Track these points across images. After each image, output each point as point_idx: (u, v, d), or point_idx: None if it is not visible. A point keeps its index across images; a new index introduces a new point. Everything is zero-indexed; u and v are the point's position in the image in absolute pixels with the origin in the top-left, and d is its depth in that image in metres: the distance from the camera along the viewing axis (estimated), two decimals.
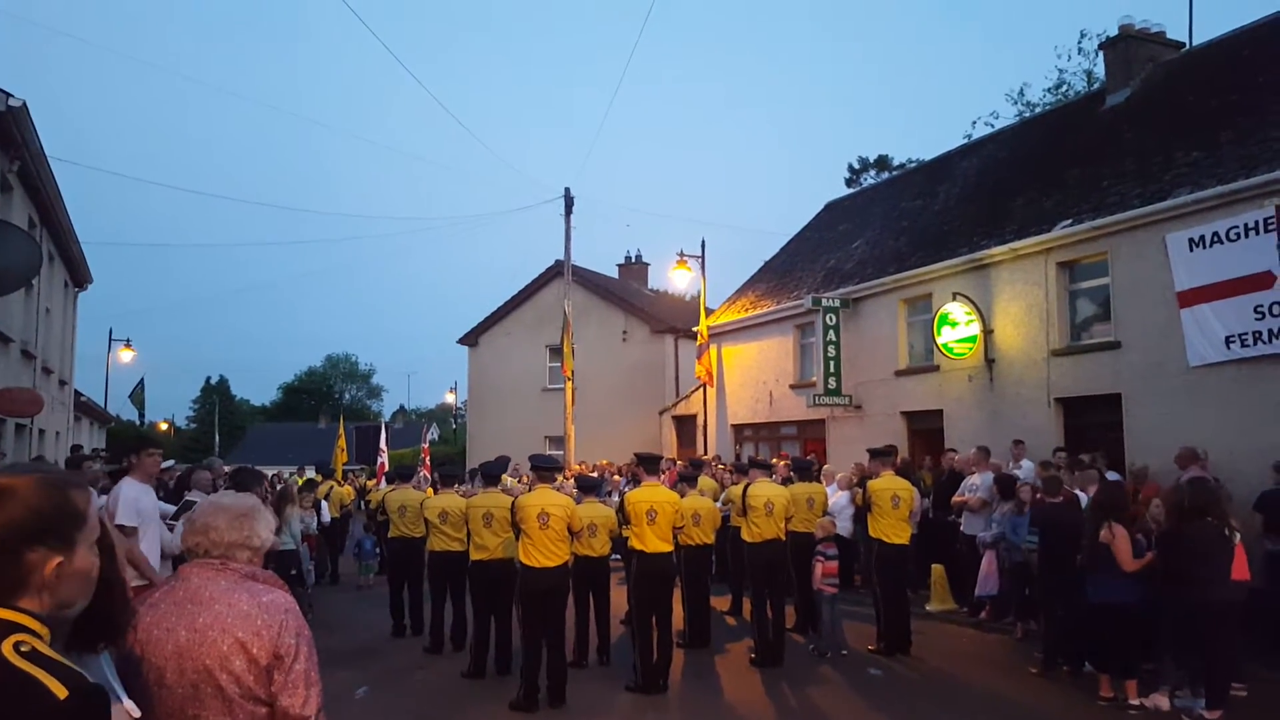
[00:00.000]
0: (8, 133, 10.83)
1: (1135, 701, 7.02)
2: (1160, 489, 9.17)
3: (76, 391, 21.51)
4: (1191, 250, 10.90)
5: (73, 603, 1.67)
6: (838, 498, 11.94)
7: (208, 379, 77.24)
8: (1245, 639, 7.43)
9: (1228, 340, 10.43)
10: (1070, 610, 7.78)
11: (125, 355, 32.47)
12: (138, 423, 37.97)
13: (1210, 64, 14.29)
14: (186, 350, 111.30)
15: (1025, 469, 11.22)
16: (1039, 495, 9.56)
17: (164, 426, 53.13)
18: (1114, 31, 16.17)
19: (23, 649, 1.48)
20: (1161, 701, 7.00)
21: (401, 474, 11.80)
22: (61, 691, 1.45)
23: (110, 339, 32.05)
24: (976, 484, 11.08)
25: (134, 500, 6.04)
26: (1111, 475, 10.25)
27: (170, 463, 20.92)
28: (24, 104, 10.49)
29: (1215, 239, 10.64)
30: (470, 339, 30.06)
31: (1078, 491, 9.09)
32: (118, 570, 2.04)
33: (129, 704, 1.95)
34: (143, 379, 33.59)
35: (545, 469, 8.01)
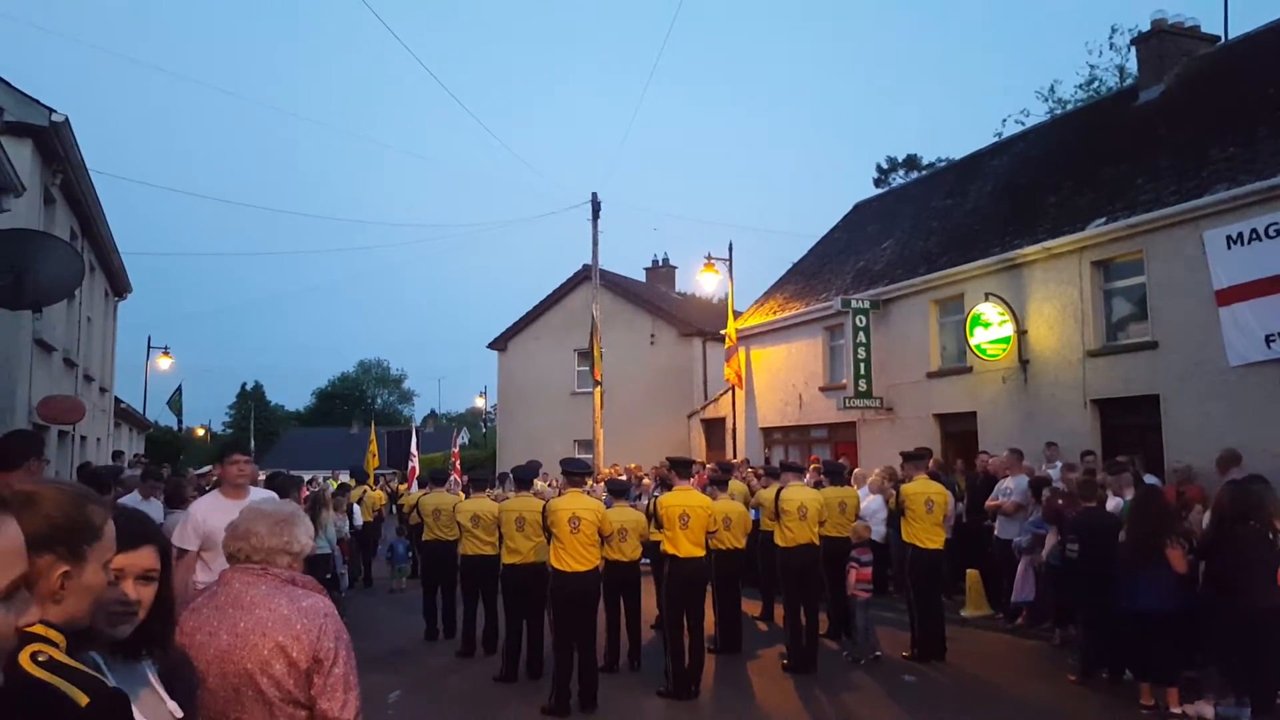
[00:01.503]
0: (51, 147, 11.05)
1: (1177, 710, 6.90)
2: (1202, 491, 9.03)
3: (116, 398, 21.89)
4: (1229, 248, 10.71)
5: (81, 619, 1.67)
6: (869, 501, 11.86)
7: (243, 385, 78.23)
8: None
9: (1268, 339, 10.23)
10: (1109, 616, 7.66)
11: (163, 362, 33.00)
12: (176, 428, 38.56)
13: (1246, 58, 14.04)
14: (222, 357, 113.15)
15: (1058, 471, 11.08)
16: (1060, 500, 9.45)
17: (200, 432, 54.02)
18: (1146, 26, 15.94)
19: (40, 658, 1.50)
20: (1205, 710, 6.87)
21: (435, 478, 11.88)
22: (83, 699, 1.47)
23: (149, 346, 32.58)
24: (1010, 488, 10.95)
25: (197, 520, 5.42)
26: (1149, 479, 10.08)
27: (207, 468, 21.23)
28: (66, 119, 10.70)
29: (1254, 236, 10.45)
30: (500, 344, 30.24)
31: (1111, 495, 8.98)
32: (171, 590, 2.10)
33: (171, 705, 2.00)
34: (180, 385, 34.11)
35: (575, 473, 8.04)
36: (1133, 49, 17.25)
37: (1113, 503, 8.81)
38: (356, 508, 14.76)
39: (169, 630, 2.09)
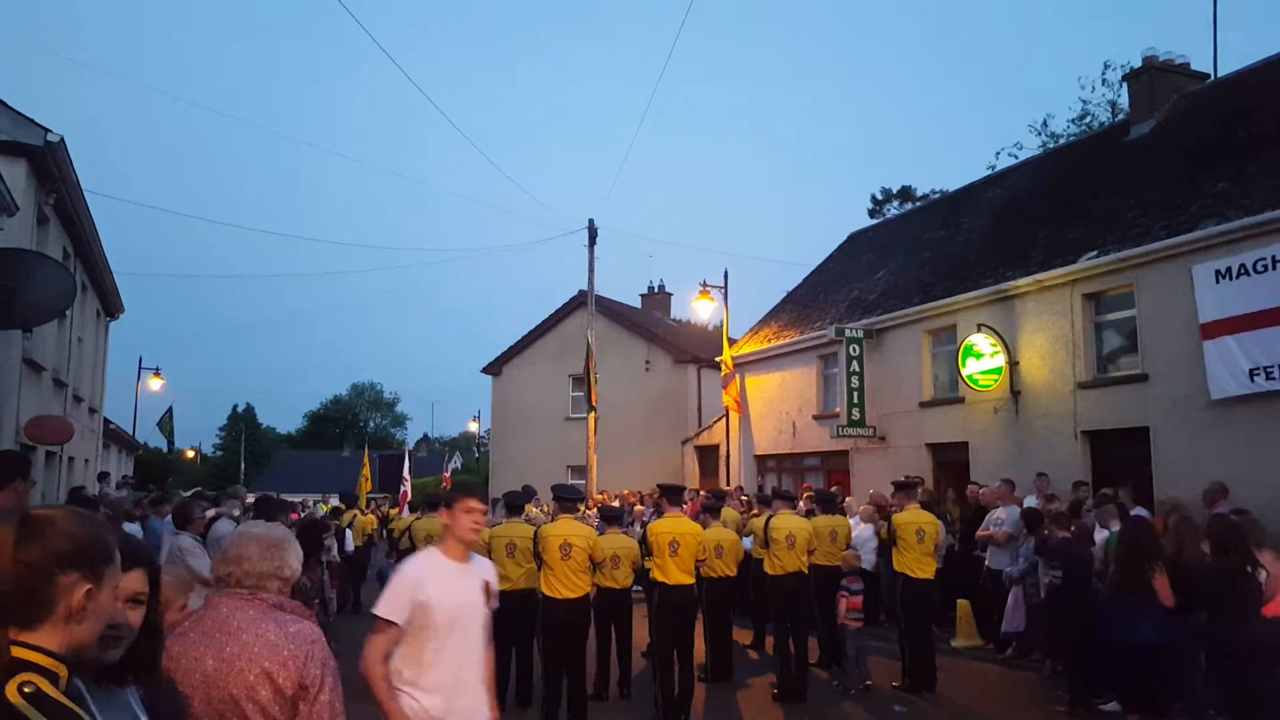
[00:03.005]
0: (46, 167, 11.09)
1: None
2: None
3: (106, 419, 21.79)
4: (1218, 282, 10.80)
5: (89, 645, 1.67)
6: (860, 530, 11.83)
7: (234, 407, 78.05)
8: None
9: (1252, 373, 10.30)
10: (1093, 646, 7.68)
11: (154, 383, 32.90)
12: (166, 450, 38.39)
13: (1235, 95, 14.23)
14: (214, 379, 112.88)
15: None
16: (1045, 531, 9.51)
17: (190, 454, 53.67)
18: (1138, 63, 16.17)
19: (26, 690, 1.49)
20: None
21: (430, 502, 11.81)
22: None
23: (140, 367, 32.52)
24: (1001, 518, 10.95)
25: (411, 583, 3.74)
26: (1140, 511, 10.09)
27: (196, 490, 21.10)
28: (62, 139, 10.76)
29: (1242, 271, 10.54)
30: (494, 368, 30.22)
31: (1098, 527, 9.01)
32: (159, 615, 2.09)
33: None
34: (171, 407, 34.02)
35: (568, 499, 8.01)
36: (1124, 85, 17.48)
37: (1100, 535, 8.84)
38: (348, 532, 14.66)
39: (156, 655, 2.08)
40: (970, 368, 14.03)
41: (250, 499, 12.48)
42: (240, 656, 2.28)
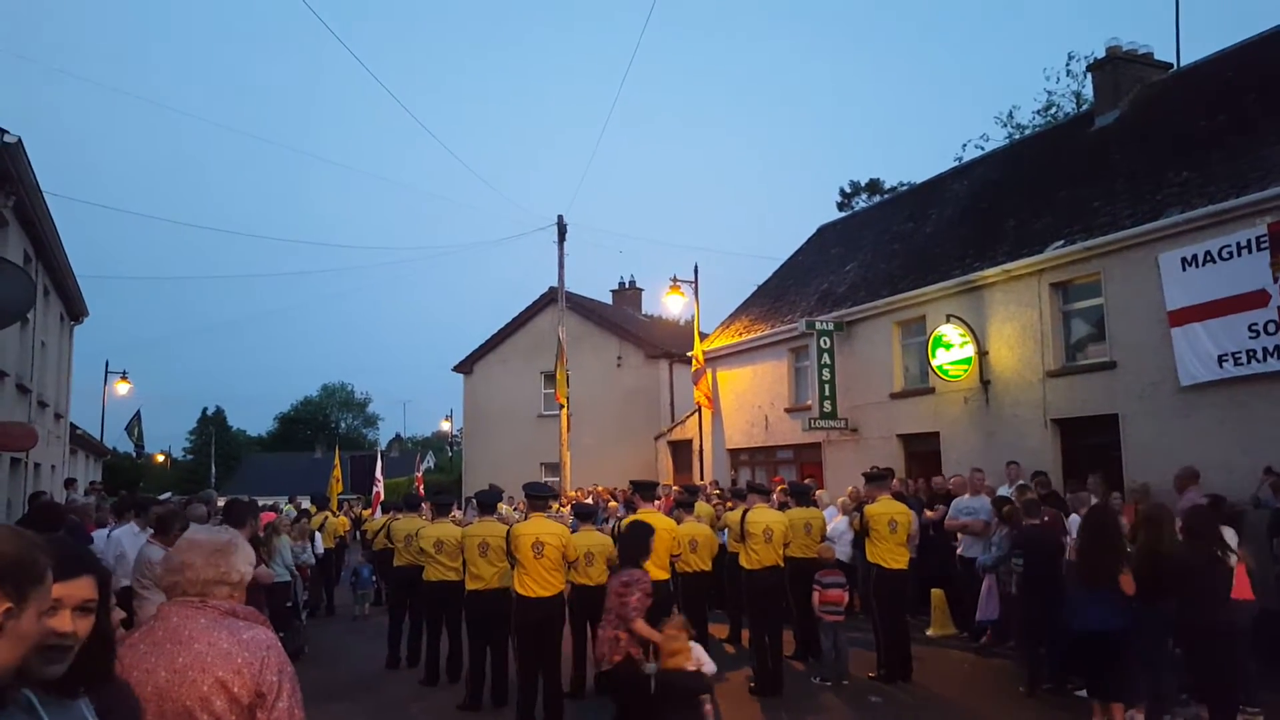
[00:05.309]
0: (3, 168, 10.85)
1: None
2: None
3: (72, 424, 21.42)
4: (1184, 269, 10.94)
5: (7, 668, 1.59)
6: (836, 522, 11.86)
7: (204, 410, 77.05)
8: (1259, 661, 7.36)
9: (1220, 359, 10.44)
10: (1056, 632, 7.77)
11: (121, 387, 32.40)
12: (134, 455, 37.82)
13: (1198, 85, 14.41)
14: (183, 382, 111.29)
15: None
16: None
17: (160, 458, 52.95)
18: (1101, 53, 16.34)
19: None
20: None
21: (410, 503, 11.76)
22: None
23: (106, 371, 32.00)
24: (974, 507, 11.01)
25: None
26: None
27: (167, 494, 20.82)
28: (19, 140, 10.51)
29: (1208, 258, 10.68)
30: (465, 367, 30.05)
31: (1075, 514, 9.08)
32: (109, 622, 2.03)
33: None
34: (139, 411, 33.51)
35: (539, 497, 7.96)
36: (1089, 75, 17.65)
37: (1074, 519, 8.92)
38: (318, 534, 14.51)
39: (108, 664, 2.01)
40: (940, 358, 14.12)
41: (221, 502, 12.31)
42: (193, 666, 2.22)
